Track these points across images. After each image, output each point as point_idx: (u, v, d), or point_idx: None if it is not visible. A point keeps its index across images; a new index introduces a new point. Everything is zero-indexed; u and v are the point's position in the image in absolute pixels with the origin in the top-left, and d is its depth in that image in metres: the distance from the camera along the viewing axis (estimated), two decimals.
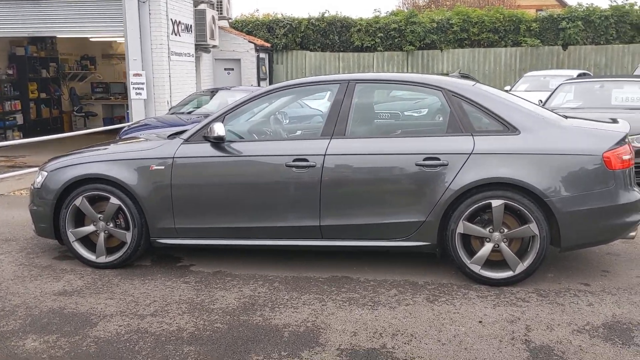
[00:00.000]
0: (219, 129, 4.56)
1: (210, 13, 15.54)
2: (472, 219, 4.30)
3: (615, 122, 4.81)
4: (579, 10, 19.30)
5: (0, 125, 14.44)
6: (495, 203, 4.21)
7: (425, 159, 4.33)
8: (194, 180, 4.67)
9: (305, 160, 4.47)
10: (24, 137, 13.84)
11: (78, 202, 4.77)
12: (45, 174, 4.97)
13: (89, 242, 4.89)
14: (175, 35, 13.29)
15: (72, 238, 4.85)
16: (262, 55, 19.12)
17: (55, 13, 12.27)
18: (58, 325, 3.77)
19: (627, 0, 19.35)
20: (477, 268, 4.31)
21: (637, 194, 4.36)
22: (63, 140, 11.31)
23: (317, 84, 5.23)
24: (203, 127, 4.72)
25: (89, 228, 4.85)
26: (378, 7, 30.48)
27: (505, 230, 4.27)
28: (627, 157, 4.29)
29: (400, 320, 3.76)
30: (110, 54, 17.74)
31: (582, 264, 4.78)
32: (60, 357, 3.37)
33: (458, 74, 14.92)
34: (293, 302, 4.09)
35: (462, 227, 4.28)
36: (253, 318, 3.83)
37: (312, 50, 20.41)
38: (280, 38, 20.31)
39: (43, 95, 16.09)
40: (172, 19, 13.02)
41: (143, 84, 12.26)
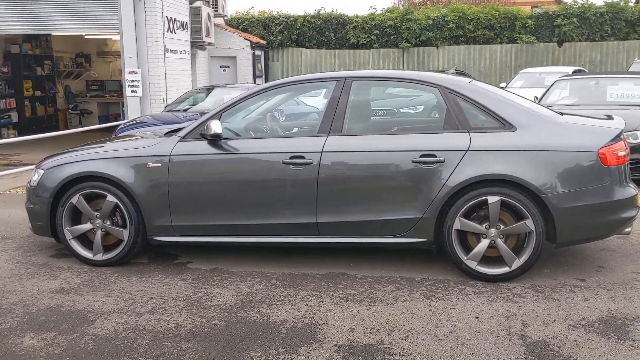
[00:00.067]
0: (216, 127, 4.55)
1: (206, 10, 15.53)
2: (468, 216, 4.32)
3: (611, 118, 4.83)
4: (574, 7, 19.32)
5: None
6: (492, 199, 4.22)
7: (422, 156, 4.34)
8: (191, 178, 4.67)
9: (302, 158, 4.48)
10: (19, 135, 13.78)
11: (75, 200, 4.77)
12: (42, 172, 4.96)
13: (86, 239, 4.89)
14: (171, 33, 13.27)
15: (69, 236, 4.85)
16: (257, 53, 19.10)
17: (50, 10, 12.23)
18: (56, 323, 3.78)
19: None
20: (473, 264, 4.33)
21: (632, 190, 4.39)
22: (58, 138, 11.26)
23: (313, 82, 5.23)
24: (200, 124, 4.72)
25: (86, 226, 4.85)
26: (374, 4, 30.33)
27: (502, 227, 4.29)
28: (622, 153, 4.31)
29: (397, 316, 3.78)
30: (106, 52, 17.70)
31: (577, 260, 4.80)
32: (58, 354, 3.38)
33: (454, 71, 14.93)
34: (290, 298, 4.10)
35: (458, 223, 4.29)
36: (250, 315, 3.84)
37: (307, 48, 20.37)
38: (276, 35, 20.28)
39: (38, 93, 16.04)
40: (167, 16, 13.00)
41: (138, 82, 12.24)
